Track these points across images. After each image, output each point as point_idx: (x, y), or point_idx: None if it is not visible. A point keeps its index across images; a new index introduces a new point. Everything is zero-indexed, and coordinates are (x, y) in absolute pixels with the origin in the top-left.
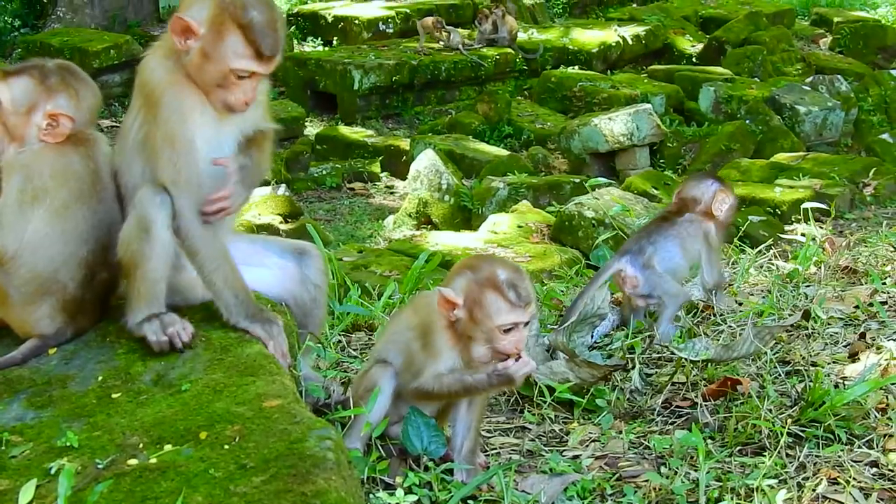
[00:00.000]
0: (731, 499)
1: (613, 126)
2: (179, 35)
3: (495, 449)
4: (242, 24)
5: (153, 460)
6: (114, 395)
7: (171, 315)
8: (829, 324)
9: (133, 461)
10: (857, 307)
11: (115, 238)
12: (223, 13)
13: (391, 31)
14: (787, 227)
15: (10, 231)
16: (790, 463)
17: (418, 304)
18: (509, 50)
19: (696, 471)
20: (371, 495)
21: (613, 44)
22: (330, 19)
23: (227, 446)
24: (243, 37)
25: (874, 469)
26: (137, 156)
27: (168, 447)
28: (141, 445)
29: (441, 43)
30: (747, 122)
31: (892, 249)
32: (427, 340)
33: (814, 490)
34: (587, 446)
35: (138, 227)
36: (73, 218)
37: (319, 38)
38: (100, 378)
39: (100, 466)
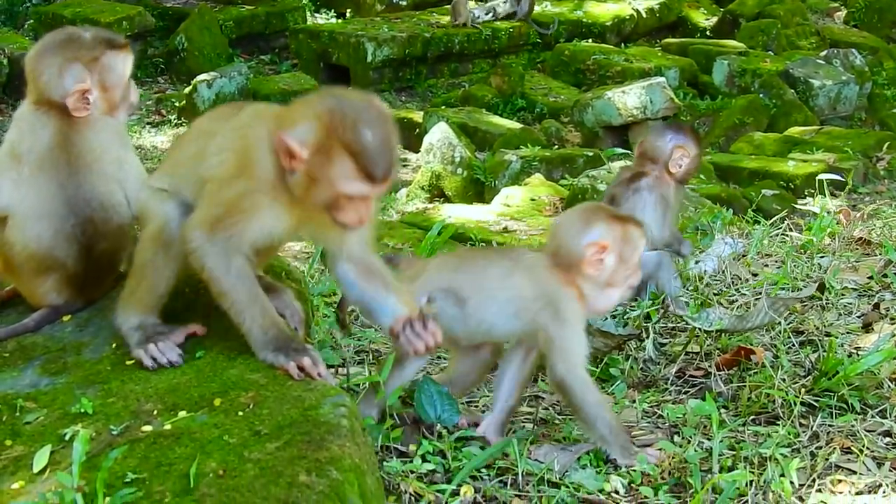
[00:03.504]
0: (744, 467)
1: (627, 99)
2: (283, 156)
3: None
4: (354, 151)
5: (167, 427)
6: (128, 362)
7: (162, 341)
8: (842, 294)
9: (147, 427)
10: (870, 278)
11: (103, 210)
12: (331, 137)
13: (404, 3)
14: (800, 201)
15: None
16: (803, 432)
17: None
18: (523, 23)
19: (709, 440)
20: (384, 462)
21: (627, 17)
22: None
23: (241, 413)
24: (354, 162)
25: (887, 439)
26: (192, 181)
27: (182, 414)
28: (155, 412)
29: (459, 20)
30: (761, 95)
31: None
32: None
33: (827, 459)
34: None
35: (157, 241)
36: (43, 189)
37: (333, 10)
38: (114, 345)
39: (114, 433)
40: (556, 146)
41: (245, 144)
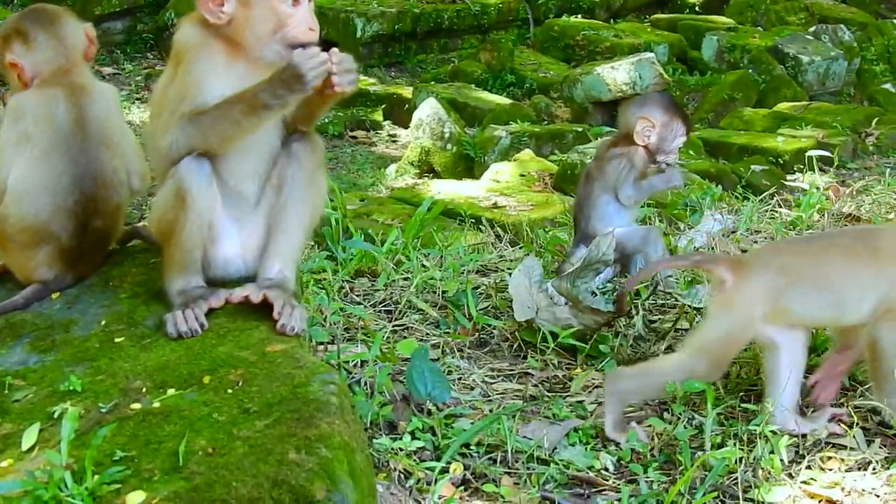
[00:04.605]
0: (734, 444)
1: (616, 75)
2: (211, 4)
3: (498, 394)
4: None
5: (156, 404)
6: (117, 340)
7: (197, 307)
8: None
9: (136, 405)
10: None
11: (105, 189)
12: None
13: None
14: (789, 177)
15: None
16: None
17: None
18: None
19: (699, 416)
20: (374, 440)
21: None
22: None
23: (230, 390)
24: None
25: (877, 417)
26: (163, 117)
27: (171, 391)
28: (144, 389)
29: None
30: (750, 71)
31: (894, 197)
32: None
33: (816, 435)
34: (590, 392)
35: (175, 196)
36: (54, 168)
37: None
38: (103, 322)
39: (103, 410)
40: (546, 122)
41: (174, 46)
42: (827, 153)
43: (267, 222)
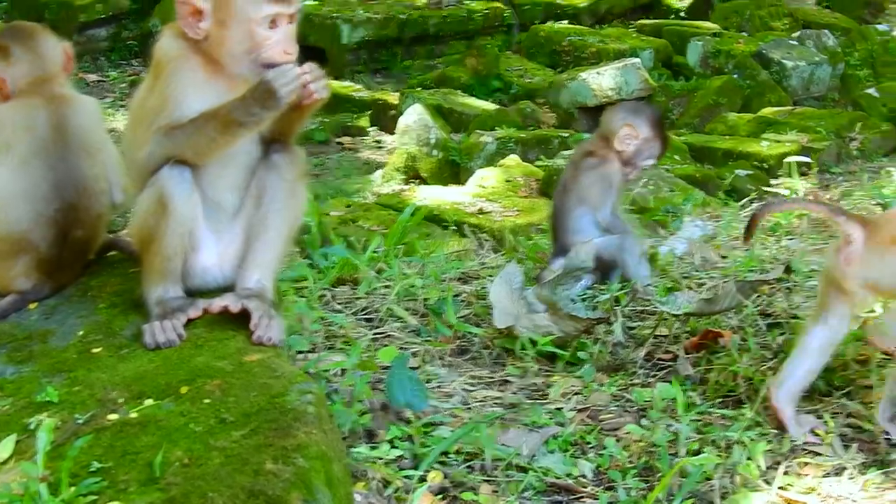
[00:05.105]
0: (711, 451)
1: (602, 80)
2: (190, 21)
3: (478, 402)
4: None
5: (133, 415)
6: (94, 350)
7: (173, 318)
8: (810, 276)
9: (113, 416)
10: None
11: (87, 198)
12: None
13: None
14: (773, 182)
15: None
16: (770, 415)
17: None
18: (498, 4)
19: (677, 423)
20: (352, 449)
21: None
22: None
23: (207, 401)
24: None
25: (853, 420)
26: (141, 128)
27: (148, 402)
28: (121, 400)
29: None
30: (735, 76)
31: (875, 203)
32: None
33: (793, 441)
34: (569, 399)
35: (157, 203)
36: (33, 175)
37: None
38: (80, 333)
39: (80, 421)
40: (532, 127)
41: (154, 56)
42: (807, 158)
43: (246, 233)
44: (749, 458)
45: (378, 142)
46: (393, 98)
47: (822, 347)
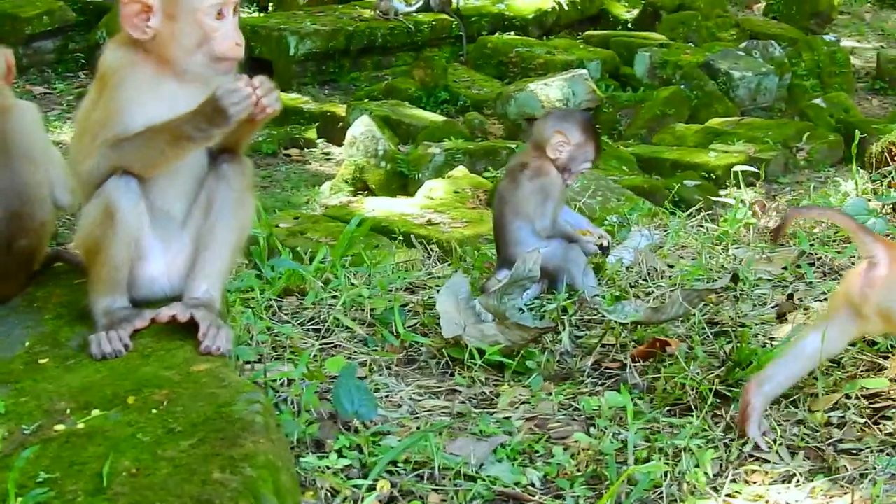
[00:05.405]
0: (659, 459)
1: (549, 91)
2: (135, 20)
3: (426, 411)
4: None
5: (80, 425)
6: (41, 361)
7: (119, 329)
8: (757, 285)
9: (60, 426)
10: (785, 268)
11: (30, 205)
12: None
13: None
14: (721, 192)
15: None
16: (717, 423)
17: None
18: (445, 16)
19: (625, 431)
20: (300, 458)
21: (549, 10)
22: None
23: (154, 411)
24: None
25: (800, 428)
26: (86, 139)
27: (95, 412)
28: (68, 411)
29: (378, 11)
30: (682, 87)
31: None
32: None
33: (741, 449)
34: (517, 408)
35: (103, 213)
36: None
37: (255, 4)
38: (27, 343)
39: (26, 432)
40: (480, 138)
41: (99, 69)
42: (754, 168)
43: (194, 243)
44: (697, 466)
45: (326, 153)
46: (341, 110)
47: (814, 356)
